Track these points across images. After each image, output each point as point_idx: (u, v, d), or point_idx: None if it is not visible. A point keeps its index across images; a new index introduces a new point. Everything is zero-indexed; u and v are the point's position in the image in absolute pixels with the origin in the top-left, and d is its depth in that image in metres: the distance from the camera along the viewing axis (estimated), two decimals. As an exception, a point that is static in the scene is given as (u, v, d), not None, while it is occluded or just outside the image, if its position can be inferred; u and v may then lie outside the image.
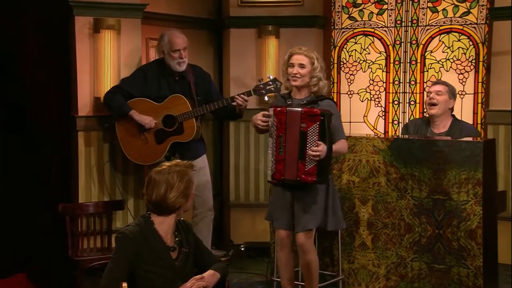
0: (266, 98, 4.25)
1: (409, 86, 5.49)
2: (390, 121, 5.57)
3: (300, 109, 3.52)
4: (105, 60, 4.57)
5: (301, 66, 3.65)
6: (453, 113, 4.31)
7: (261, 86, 4.24)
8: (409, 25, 5.47)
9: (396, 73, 5.53)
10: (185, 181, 2.79)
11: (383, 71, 5.57)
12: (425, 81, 5.43)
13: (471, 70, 5.32)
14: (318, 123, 3.48)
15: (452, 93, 4.27)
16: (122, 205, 4.56)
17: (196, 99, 4.38)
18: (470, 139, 4.01)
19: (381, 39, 5.56)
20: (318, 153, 3.48)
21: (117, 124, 4.42)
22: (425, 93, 5.46)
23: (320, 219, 3.64)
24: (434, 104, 4.21)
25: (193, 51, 5.25)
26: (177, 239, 2.85)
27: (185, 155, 4.26)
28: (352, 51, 5.66)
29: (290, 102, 3.69)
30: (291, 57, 3.70)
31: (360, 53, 5.64)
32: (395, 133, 5.54)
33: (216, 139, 5.78)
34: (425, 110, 5.45)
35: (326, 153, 3.50)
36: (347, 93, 5.69)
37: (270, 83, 4.22)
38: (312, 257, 3.68)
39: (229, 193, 5.57)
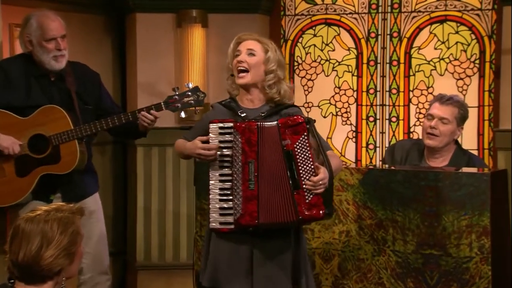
0: (182, 115, 4.23)
1: (390, 96, 5.59)
2: (364, 145, 5.64)
3: (274, 122, 3.49)
4: None
5: (250, 53, 3.62)
6: (457, 139, 4.33)
7: (176, 97, 4.21)
8: (389, 10, 5.57)
9: (371, 78, 5.61)
10: (69, 233, 2.73)
11: (353, 75, 5.65)
12: (411, 89, 5.54)
13: (474, 74, 5.45)
14: (305, 134, 3.46)
15: (462, 119, 4.24)
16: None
17: (78, 111, 4.32)
18: (473, 170, 4.08)
19: (350, 30, 5.65)
20: (321, 182, 3.44)
21: None
22: (411, 107, 5.57)
23: (290, 280, 3.63)
24: (434, 135, 4.22)
25: (82, 45, 5.20)
26: (55, 318, 2.79)
27: (68, 193, 4.21)
28: (310, 46, 5.72)
29: (243, 114, 3.66)
30: (238, 45, 3.68)
31: (322, 50, 5.70)
32: (371, 162, 5.61)
33: (116, 170, 5.72)
34: (413, 133, 5.54)
35: (329, 175, 3.48)
36: (303, 106, 5.74)
37: (189, 93, 4.20)
38: None
39: (136, 250, 5.51)
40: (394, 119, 5.57)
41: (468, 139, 5.35)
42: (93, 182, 4.50)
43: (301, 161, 3.49)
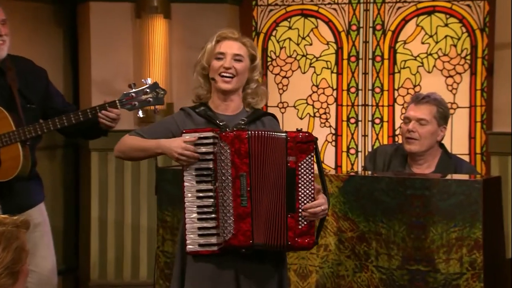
0: (140, 114, 4.20)
1: (373, 95, 5.60)
2: (344, 149, 5.65)
3: (283, 134, 3.48)
4: None
5: (238, 59, 3.62)
6: (441, 141, 4.33)
7: (133, 94, 4.17)
8: (371, 1, 5.58)
9: (353, 76, 5.63)
10: (13, 249, 2.70)
11: (332, 72, 5.66)
12: (396, 87, 5.55)
13: (465, 71, 5.47)
14: (312, 154, 3.48)
15: (443, 118, 4.23)
16: None
17: (21, 110, 4.28)
18: (464, 177, 4.09)
19: (328, 23, 5.65)
20: (320, 207, 3.47)
21: None
22: (396, 107, 5.59)
23: None
24: (413, 139, 4.21)
25: (27, 37, 5.17)
26: None
27: (8, 204, 4.18)
28: (284, 40, 5.73)
29: (223, 123, 3.64)
30: (219, 43, 3.66)
31: (298, 44, 5.71)
32: (352, 168, 5.62)
33: (67, 176, 5.71)
34: (398, 136, 5.56)
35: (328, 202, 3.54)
36: (277, 106, 5.74)
37: (147, 90, 4.15)
38: None
39: (89, 266, 5.49)
40: (377, 120, 5.59)
41: (459, 143, 5.37)
42: (38, 191, 4.45)
43: (302, 183, 3.49)
